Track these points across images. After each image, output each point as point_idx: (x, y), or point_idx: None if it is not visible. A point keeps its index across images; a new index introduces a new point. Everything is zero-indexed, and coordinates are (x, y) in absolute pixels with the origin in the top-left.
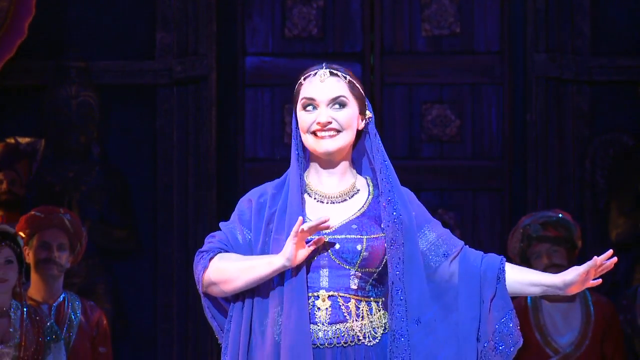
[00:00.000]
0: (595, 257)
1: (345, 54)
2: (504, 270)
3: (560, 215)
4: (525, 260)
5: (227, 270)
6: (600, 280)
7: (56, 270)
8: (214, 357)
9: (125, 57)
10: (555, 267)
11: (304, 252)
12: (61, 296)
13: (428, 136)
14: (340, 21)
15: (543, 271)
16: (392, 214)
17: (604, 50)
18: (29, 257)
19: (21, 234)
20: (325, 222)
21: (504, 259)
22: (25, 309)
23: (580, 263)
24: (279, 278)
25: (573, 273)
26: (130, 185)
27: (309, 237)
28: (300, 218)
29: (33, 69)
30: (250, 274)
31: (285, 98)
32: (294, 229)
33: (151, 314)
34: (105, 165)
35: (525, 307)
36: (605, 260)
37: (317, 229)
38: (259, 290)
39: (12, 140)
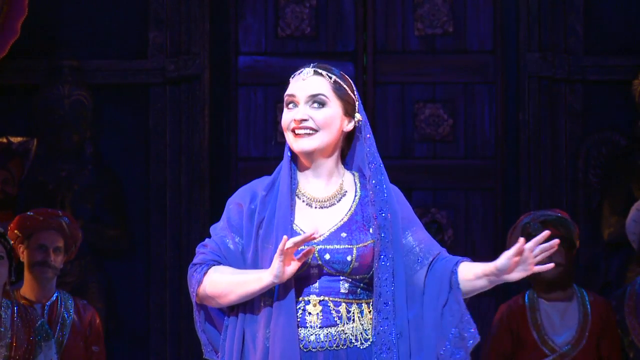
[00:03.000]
0: (522, 238)
1: (338, 53)
2: (456, 274)
3: (559, 214)
4: None
5: (220, 284)
6: (551, 264)
7: (51, 273)
8: None
9: (118, 57)
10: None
11: (293, 267)
12: (54, 295)
13: (421, 135)
14: (333, 20)
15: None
16: (382, 226)
17: (596, 49)
18: (24, 256)
19: (17, 232)
20: (312, 235)
21: (459, 262)
22: (15, 308)
23: (574, 262)
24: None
25: (503, 257)
26: (123, 185)
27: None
28: (285, 237)
29: (26, 69)
30: (242, 289)
31: (278, 97)
32: (279, 247)
33: (144, 313)
34: (98, 164)
35: (523, 305)
36: (541, 243)
37: (304, 242)
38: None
39: (5, 140)
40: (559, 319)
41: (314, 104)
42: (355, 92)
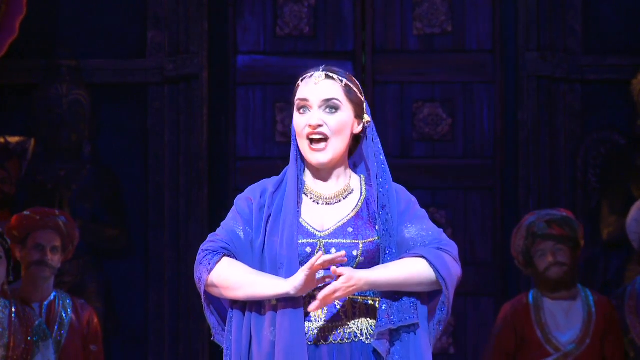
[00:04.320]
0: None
1: (337, 53)
2: None
3: (564, 213)
4: (528, 258)
5: (231, 278)
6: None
7: (48, 272)
8: (205, 355)
9: (116, 56)
10: (558, 265)
11: (312, 285)
12: (52, 295)
13: (420, 135)
14: (332, 20)
15: (547, 269)
16: (385, 221)
17: (595, 48)
18: (21, 256)
19: (14, 232)
20: (343, 257)
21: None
22: (13, 308)
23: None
24: None
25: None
26: (121, 184)
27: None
28: (320, 253)
29: (24, 68)
30: (253, 289)
31: (277, 96)
32: (311, 261)
33: (142, 313)
34: (96, 164)
35: (527, 304)
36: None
37: (333, 262)
38: None
39: (2, 140)
40: (563, 317)
41: (327, 109)
42: (363, 93)
